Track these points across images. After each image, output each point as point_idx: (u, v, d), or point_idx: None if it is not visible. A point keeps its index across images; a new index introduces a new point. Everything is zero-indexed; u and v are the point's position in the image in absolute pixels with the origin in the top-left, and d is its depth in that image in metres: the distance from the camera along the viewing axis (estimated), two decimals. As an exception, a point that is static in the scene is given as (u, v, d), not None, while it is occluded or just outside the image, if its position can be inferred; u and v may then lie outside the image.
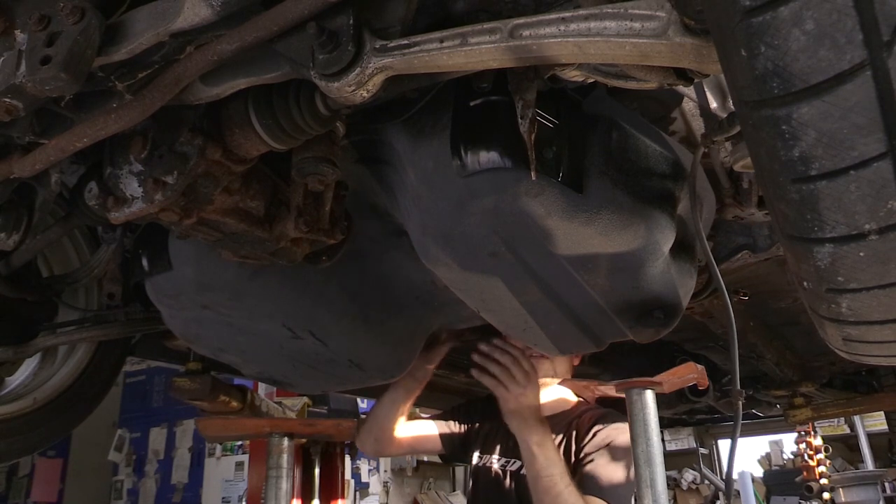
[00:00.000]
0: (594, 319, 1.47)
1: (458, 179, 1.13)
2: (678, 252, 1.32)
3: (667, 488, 1.26)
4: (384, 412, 2.27)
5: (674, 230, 1.25)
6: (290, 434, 1.44)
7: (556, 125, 1.12)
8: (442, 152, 1.13)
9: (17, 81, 0.87)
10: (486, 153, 1.11)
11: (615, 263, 1.27)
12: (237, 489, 5.81)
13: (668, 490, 3.10)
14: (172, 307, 1.62)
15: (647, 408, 1.25)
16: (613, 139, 1.16)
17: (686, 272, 1.38)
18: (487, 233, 1.23)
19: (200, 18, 0.87)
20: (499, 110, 1.06)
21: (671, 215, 1.23)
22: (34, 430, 1.82)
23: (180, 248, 1.47)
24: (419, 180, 1.20)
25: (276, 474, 1.42)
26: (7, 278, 1.59)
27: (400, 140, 1.20)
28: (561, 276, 1.32)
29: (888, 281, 0.68)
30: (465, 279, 1.40)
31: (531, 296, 1.42)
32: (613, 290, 1.35)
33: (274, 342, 1.72)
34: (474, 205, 1.17)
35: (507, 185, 1.12)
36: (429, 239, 1.32)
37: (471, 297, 1.50)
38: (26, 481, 6.05)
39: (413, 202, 1.27)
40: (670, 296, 1.37)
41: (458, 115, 1.13)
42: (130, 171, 1.06)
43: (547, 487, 1.78)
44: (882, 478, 6.41)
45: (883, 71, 0.53)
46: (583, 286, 1.33)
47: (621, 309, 1.40)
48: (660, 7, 0.73)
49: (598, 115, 1.16)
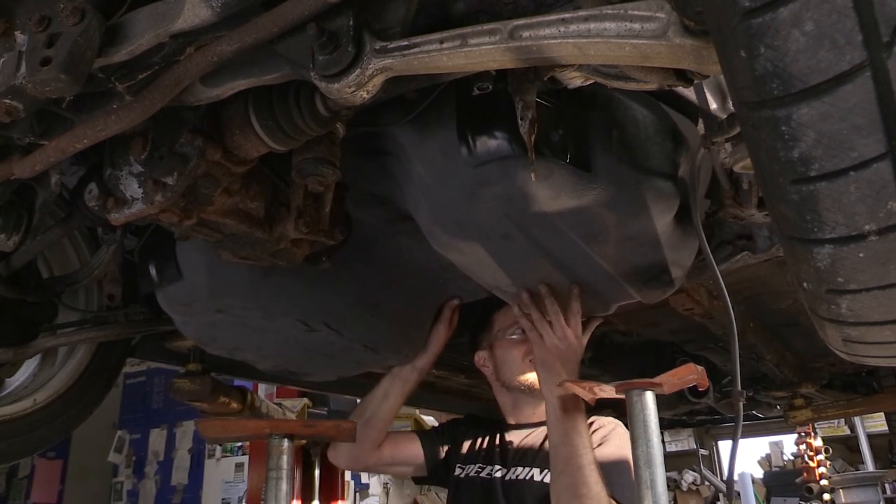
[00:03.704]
0: (603, 285, 1.52)
1: (467, 169, 1.16)
2: (680, 214, 1.35)
3: (667, 489, 1.25)
4: (372, 409, 1.98)
5: (677, 196, 1.29)
6: (291, 435, 1.44)
7: (559, 106, 1.14)
8: (450, 144, 1.14)
9: (17, 82, 0.87)
10: (493, 142, 1.13)
11: (623, 234, 1.32)
12: (237, 490, 5.81)
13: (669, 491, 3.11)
14: (186, 314, 1.64)
15: (648, 409, 1.24)
16: (614, 113, 1.19)
17: (689, 233, 1.41)
18: (499, 217, 1.27)
19: (201, 19, 0.87)
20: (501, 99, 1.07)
21: (674, 181, 1.26)
22: (34, 431, 1.81)
23: (190, 256, 1.48)
24: (428, 173, 1.22)
25: (276, 475, 1.42)
26: (7, 279, 1.59)
27: (404, 134, 1.21)
28: (571, 250, 1.37)
29: (888, 282, 0.68)
30: (476, 262, 1.44)
31: (542, 270, 1.48)
32: (622, 258, 1.41)
33: (289, 337, 1.74)
34: (485, 193, 1.20)
35: (516, 172, 1.15)
36: (440, 227, 1.35)
37: (483, 277, 1.55)
38: (26, 482, 6.06)
39: (422, 193, 1.29)
40: (676, 257, 1.43)
41: (462, 106, 1.14)
42: (130, 172, 1.06)
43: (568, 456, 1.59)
44: (882, 479, 6.42)
45: (882, 72, 0.53)
46: (593, 257, 1.38)
47: (630, 274, 1.46)
48: (659, 8, 0.73)
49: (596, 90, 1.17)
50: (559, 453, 1.62)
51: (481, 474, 1.96)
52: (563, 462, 1.60)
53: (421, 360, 1.99)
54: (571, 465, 1.58)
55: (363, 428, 1.89)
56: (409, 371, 2.00)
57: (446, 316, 1.96)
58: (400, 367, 2.01)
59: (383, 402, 1.99)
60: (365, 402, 2.04)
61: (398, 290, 1.76)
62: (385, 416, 2.00)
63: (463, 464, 2.03)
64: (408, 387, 2.01)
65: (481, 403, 3.23)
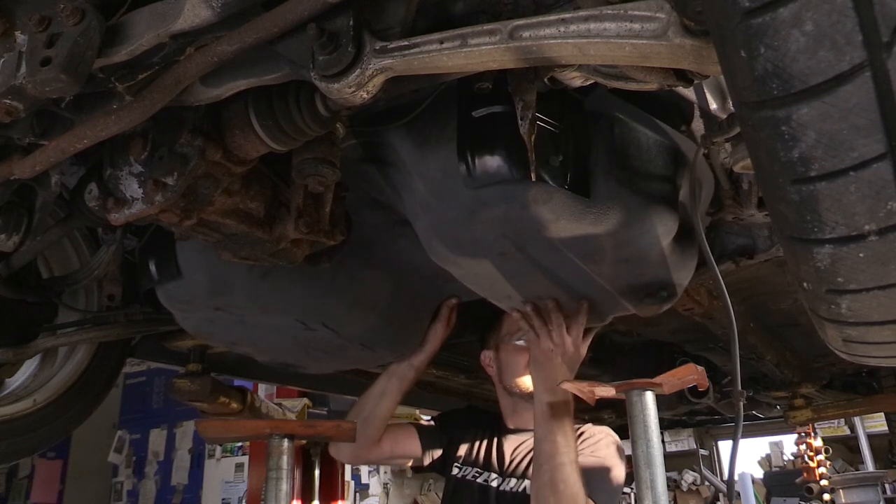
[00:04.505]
0: (599, 298, 1.56)
1: (467, 191, 1.16)
2: (679, 236, 1.36)
3: (667, 489, 1.25)
4: (370, 407, 1.99)
5: (676, 219, 1.29)
6: (290, 435, 1.44)
7: (559, 128, 1.14)
8: (450, 164, 1.15)
9: (17, 83, 0.87)
10: (493, 165, 1.13)
11: (622, 255, 1.32)
12: (237, 490, 5.81)
13: (669, 491, 3.11)
14: (185, 311, 1.66)
15: (648, 409, 1.24)
16: (616, 136, 1.18)
17: (688, 254, 1.43)
18: (497, 236, 1.28)
19: (201, 20, 0.87)
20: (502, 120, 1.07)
21: (674, 205, 1.26)
22: (34, 431, 1.82)
23: (189, 255, 1.49)
24: (428, 190, 1.23)
25: (276, 476, 1.42)
26: (7, 279, 1.59)
27: (404, 146, 1.22)
28: (568, 268, 1.38)
29: (888, 282, 0.68)
30: (474, 275, 1.47)
31: (539, 284, 1.50)
32: (620, 277, 1.42)
33: (287, 335, 1.76)
34: (484, 213, 1.21)
35: (515, 195, 1.15)
36: (438, 243, 1.36)
37: (480, 287, 1.57)
38: (26, 483, 6.05)
39: (421, 208, 1.30)
40: (673, 277, 1.44)
41: (462, 125, 1.14)
42: (130, 172, 1.06)
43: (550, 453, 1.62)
44: (882, 479, 6.41)
45: (882, 72, 0.53)
46: (590, 275, 1.39)
47: (627, 291, 1.48)
48: (659, 8, 0.73)
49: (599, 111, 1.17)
50: (542, 449, 1.65)
51: (478, 480, 1.98)
52: (545, 457, 1.63)
53: (418, 359, 1.99)
54: (552, 462, 1.61)
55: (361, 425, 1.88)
56: (406, 369, 2.00)
57: (444, 315, 1.96)
58: (397, 365, 2.01)
59: (381, 400, 2.00)
60: (362, 401, 2.04)
61: (396, 291, 1.77)
62: (382, 414, 2.00)
63: (461, 464, 2.05)
64: (405, 385, 2.01)
65: (481, 403, 3.24)
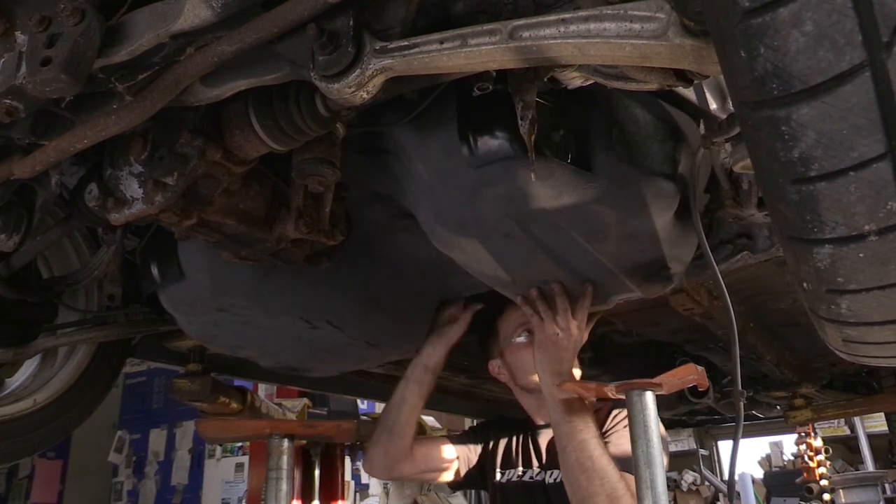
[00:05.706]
0: (604, 280, 1.55)
1: (469, 170, 1.17)
2: (680, 211, 1.37)
3: (667, 489, 1.25)
4: (394, 416, 1.98)
5: (677, 193, 1.30)
6: (291, 435, 1.44)
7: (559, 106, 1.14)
8: (451, 145, 1.15)
9: (17, 83, 0.87)
10: (494, 143, 1.14)
11: (624, 231, 1.33)
12: (237, 490, 5.80)
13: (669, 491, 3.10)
14: (188, 314, 1.65)
15: (648, 409, 1.24)
16: (614, 112, 1.19)
17: (689, 229, 1.43)
18: (500, 216, 1.28)
19: (201, 20, 0.87)
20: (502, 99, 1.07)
21: (674, 179, 1.27)
22: (34, 431, 1.81)
23: (192, 256, 1.49)
24: (430, 173, 1.23)
25: (276, 476, 1.42)
26: (7, 280, 1.59)
27: (405, 133, 1.22)
28: (572, 247, 1.39)
29: (888, 282, 0.68)
30: (478, 259, 1.46)
31: (543, 266, 1.50)
32: (623, 255, 1.43)
33: (292, 334, 1.75)
34: (487, 193, 1.21)
35: (517, 172, 1.16)
36: (442, 226, 1.36)
37: (484, 274, 1.57)
38: (26, 483, 6.05)
39: (423, 192, 1.30)
40: (676, 253, 1.45)
41: (463, 106, 1.15)
42: (131, 172, 1.07)
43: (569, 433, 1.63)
44: (882, 479, 6.41)
45: (882, 72, 0.53)
46: (594, 254, 1.40)
47: (630, 270, 1.49)
48: (659, 8, 0.73)
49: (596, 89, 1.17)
50: (562, 432, 1.67)
51: (523, 478, 2.01)
52: (566, 439, 1.65)
53: (432, 360, 1.98)
54: (573, 441, 1.63)
55: (389, 437, 1.96)
56: (422, 372, 1.98)
57: (465, 318, 1.95)
58: (412, 369, 1.99)
59: (402, 407, 1.98)
60: (385, 413, 2.04)
61: (400, 286, 1.77)
62: (407, 420, 1.99)
63: (502, 469, 2.07)
64: (424, 388, 1.99)
65: (481, 403, 3.24)
